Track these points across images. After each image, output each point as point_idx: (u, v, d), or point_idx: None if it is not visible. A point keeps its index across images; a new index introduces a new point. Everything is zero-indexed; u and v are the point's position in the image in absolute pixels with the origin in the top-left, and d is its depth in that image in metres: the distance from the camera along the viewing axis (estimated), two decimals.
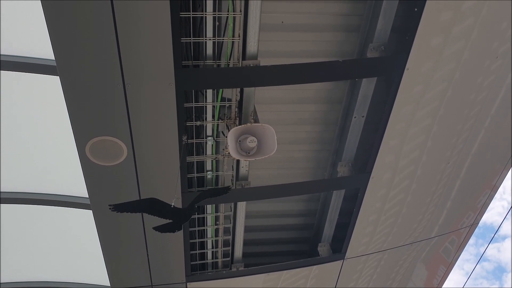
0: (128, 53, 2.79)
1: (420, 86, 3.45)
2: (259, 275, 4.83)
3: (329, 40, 3.61)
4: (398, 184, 4.28)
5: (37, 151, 4.59)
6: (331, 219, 4.72)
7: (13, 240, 5.48)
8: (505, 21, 3.24)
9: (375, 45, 3.40)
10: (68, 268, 5.98)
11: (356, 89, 3.77)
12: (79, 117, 3.07)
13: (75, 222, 5.18)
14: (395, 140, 3.82)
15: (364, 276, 5.47)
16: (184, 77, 3.03)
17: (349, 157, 4.17)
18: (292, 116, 4.09)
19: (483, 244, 31.00)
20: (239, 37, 3.04)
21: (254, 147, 3.26)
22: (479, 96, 3.75)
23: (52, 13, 2.56)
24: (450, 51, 3.29)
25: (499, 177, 4.77)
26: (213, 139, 3.65)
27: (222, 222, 4.41)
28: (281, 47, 3.59)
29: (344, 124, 4.06)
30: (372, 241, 4.88)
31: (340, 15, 3.48)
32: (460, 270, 28.05)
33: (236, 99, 3.39)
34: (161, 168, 3.53)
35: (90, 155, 3.25)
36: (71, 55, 2.75)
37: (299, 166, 4.51)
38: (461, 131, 4.00)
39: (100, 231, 3.92)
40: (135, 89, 2.96)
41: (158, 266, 4.42)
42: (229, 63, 3.17)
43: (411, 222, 4.87)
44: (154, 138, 3.31)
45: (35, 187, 4.90)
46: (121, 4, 2.58)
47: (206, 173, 3.87)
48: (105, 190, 3.60)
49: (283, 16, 3.44)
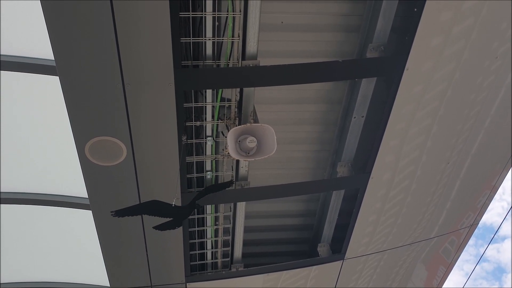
0: (128, 53, 2.79)
1: (420, 86, 3.45)
2: (258, 276, 4.83)
3: (329, 40, 3.61)
4: (398, 184, 4.28)
5: (37, 151, 4.58)
6: (330, 219, 4.72)
7: (13, 240, 5.47)
8: (505, 21, 3.24)
9: (374, 45, 3.40)
10: (68, 268, 5.97)
11: (356, 89, 3.77)
12: (78, 117, 3.07)
13: (75, 222, 5.18)
14: (395, 140, 3.82)
15: (363, 277, 5.46)
16: (184, 77, 3.03)
17: (348, 157, 4.17)
18: (291, 116, 4.09)
19: (483, 245, 31.00)
20: (238, 37, 3.05)
21: (253, 147, 3.26)
22: (479, 96, 3.75)
23: (51, 13, 2.56)
24: (450, 51, 3.29)
25: (499, 178, 4.77)
26: (213, 139, 3.65)
27: (221, 223, 4.41)
28: (281, 47, 3.59)
29: (344, 124, 4.06)
30: (371, 242, 4.88)
31: (339, 15, 3.49)
32: (460, 271, 28.07)
33: (235, 99, 3.39)
34: (161, 168, 3.52)
35: (89, 155, 3.25)
36: (71, 55, 2.75)
37: (299, 166, 4.51)
38: (461, 131, 4.00)
39: (100, 232, 3.92)
40: (134, 89, 2.96)
41: (158, 266, 4.42)
42: (229, 63, 3.17)
43: (411, 223, 4.87)
44: (154, 138, 3.31)
45: (34, 187, 4.89)
46: (121, 4, 2.58)
47: (205, 173, 3.87)
48: (104, 190, 3.60)
49: (282, 16, 3.44)
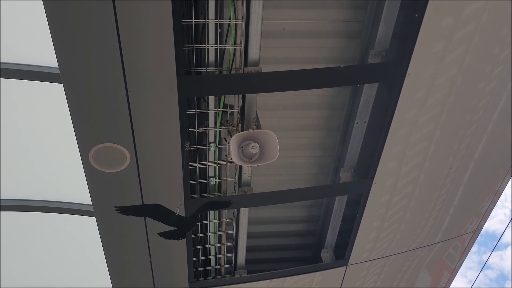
0: (131, 60, 2.81)
1: (422, 91, 3.46)
2: (262, 282, 4.82)
3: (331, 47, 3.62)
4: (401, 189, 4.27)
5: (40, 158, 4.61)
6: (334, 225, 4.71)
7: (17, 247, 5.49)
8: (506, 26, 3.25)
9: (376, 51, 3.41)
10: (71, 275, 5.98)
11: (358, 95, 3.78)
12: (82, 124, 3.09)
13: (78, 229, 5.19)
14: (397, 146, 3.82)
15: (367, 283, 5.44)
16: (187, 84, 3.04)
17: (351, 163, 4.17)
18: (294, 122, 4.10)
19: (486, 252, 30.69)
20: (241, 44, 3.06)
21: (256, 153, 3.27)
22: (481, 101, 3.75)
23: (56, 21, 2.58)
24: (451, 56, 3.30)
25: (502, 182, 4.75)
26: (216, 146, 3.66)
27: (225, 229, 4.41)
28: (283, 53, 3.60)
29: (346, 130, 4.07)
30: (375, 247, 4.86)
31: (341, 21, 3.50)
32: (463, 278, 27.84)
33: (238, 106, 3.40)
34: (164, 175, 3.53)
35: (93, 162, 3.26)
36: (75, 63, 2.77)
37: (302, 172, 4.51)
38: (463, 137, 4.00)
39: (103, 238, 3.92)
40: (138, 96, 2.98)
41: (161, 272, 4.42)
42: (231, 69, 3.18)
43: (414, 228, 4.86)
44: (157, 145, 3.32)
45: (38, 194, 4.91)
46: (124, 11, 2.60)
47: (208, 179, 3.87)
48: (108, 197, 3.61)
49: (284, 22, 3.46)
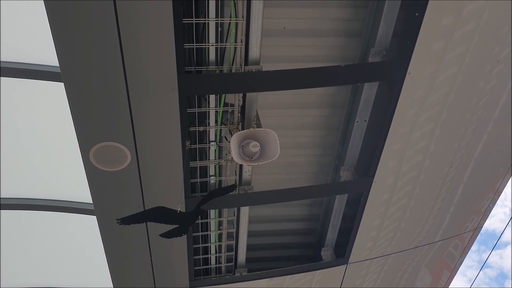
0: (132, 59, 2.81)
1: (422, 90, 3.46)
2: (262, 280, 4.83)
3: (331, 45, 3.63)
4: (401, 188, 4.27)
5: (40, 157, 4.61)
6: (334, 223, 4.72)
7: (18, 246, 5.49)
8: (506, 25, 3.25)
9: (376, 50, 3.42)
10: (71, 273, 5.99)
11: (358, 93, 3.78)
12: (83, 123, 3.09)
13: (79, 228, 5.20)
14: (397, 145, 3.83)
15: (367, 281, 5.45)
16: (187, 82, 3.04)
17: (351, 162, 4.18)
18: (294, 121, 4.10)
19: (485, 251, 30.67)
20: (241, 42, 3.06)
21: (257, 152, 3.27)
22: (482, 100, 3.76)
23: (57, 20, 2.59)
24: (451, 55, 3.30)
25: (502, 181, 4.76)
26: (216, 144, 3.66)
27: (225, 227, 4.42)
28: (283, 52, 3.60)
29: (347, 129, 4.07)
30: (375, 246, 4.87)
31: (341, 20, 3.50)
32: (463, 277, 27.85)
33: (238, 104, 3.40)
34: (165, 173, 3.54)
35: (94, 161, 3.26)
36: (75, 62, 2.77)
37: (302, 171, 4.52)
38: (464, 135, 4.00)
39: (104, 237, 3.93)
40: (138, 95, 2.99)
41: (162, 271, 4.42)
42: (232, 68, 3.19)
43: (414, 227, 4.86)
44: (158, 144, 3.33)
45: (38, 193, 4.92)
46: (125, 10, 2.60)
47: (209, 178, 3.88)
48: (109, 195, 3.62)
49: (285, 21, 3.46)
